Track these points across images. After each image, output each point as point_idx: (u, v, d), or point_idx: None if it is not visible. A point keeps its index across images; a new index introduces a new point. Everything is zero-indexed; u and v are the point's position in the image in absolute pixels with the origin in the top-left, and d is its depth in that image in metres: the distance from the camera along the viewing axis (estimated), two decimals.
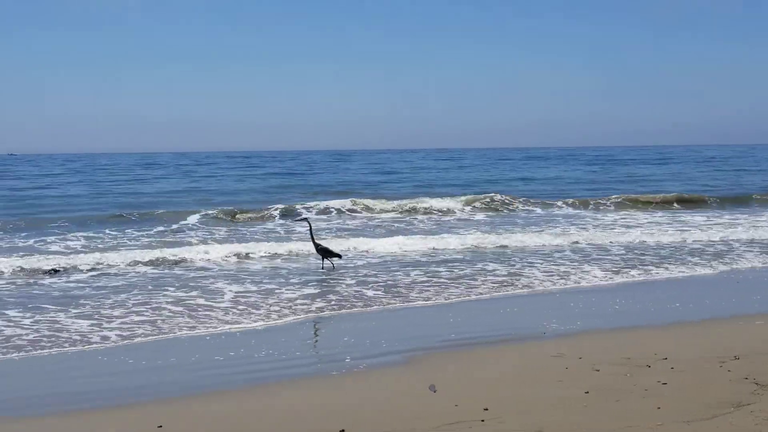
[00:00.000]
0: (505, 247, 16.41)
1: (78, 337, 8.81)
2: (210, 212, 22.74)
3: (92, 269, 13.60)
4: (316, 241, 14.23)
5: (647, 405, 5.88)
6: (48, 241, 17.41)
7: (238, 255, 14.98)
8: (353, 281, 12.43)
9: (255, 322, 9.64)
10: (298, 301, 10.84)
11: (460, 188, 34.20)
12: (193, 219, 21.83)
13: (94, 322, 9.55)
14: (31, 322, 9.53)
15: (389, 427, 5.58)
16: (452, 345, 8.33)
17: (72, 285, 12.26)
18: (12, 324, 9.44)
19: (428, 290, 11.66)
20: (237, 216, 22.62)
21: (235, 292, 11.43)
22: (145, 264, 14.09)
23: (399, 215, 24.25)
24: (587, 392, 6.26)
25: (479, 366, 7.36)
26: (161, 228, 20.03)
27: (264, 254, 15.18)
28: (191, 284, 12.18)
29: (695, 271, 13.43)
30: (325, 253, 13.92)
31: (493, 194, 27.67)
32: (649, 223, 21.94)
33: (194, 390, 6.86)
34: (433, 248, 16.16)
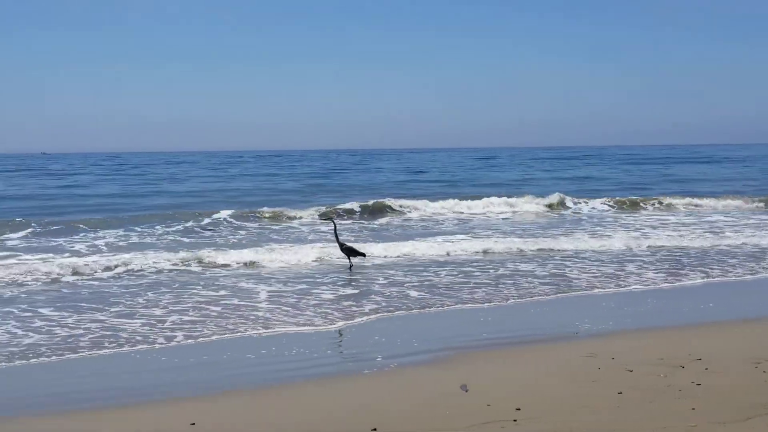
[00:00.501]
0: (557, 250, 15.89)
1: (140, 338, 8.79)
2: (235, 212, 22.79)
3: (120, 266, 13.53)
4: (340, 240, 14.26)
5: (681, 406, 5.85)
6: (77, 239, 17.56)
7: (262, 256, 14.76)
8: (386, 281, 12.39)
9: (332, 324, 9.52)
10: (344, 302, 10.71)
11: (495, 188, 34.03)
12: (220, 217, 21.91)
13: (138, 321, 9.57)
14: (76, 322, 9.56)
15: (421, 426, 5.61)
16: (484, 345, 8.34)
17: (103, 284, 12.32)
18: (54, 323, 9.51)
19: (477, 291, 11.47)
20: (263, 215, 22.69)
21: (268, 292, 11.43)
22: (173, 263, 14.03)
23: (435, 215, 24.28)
24: (620, 393, 6.24)
25: (511, 366, 7.36)
26: (190, 225, 20.25)
27: (288, 255, 14.90)
28: (218, 283, 12.23)
29: (730, 272, 13.28)
30: (349, 252, 13.97)
31: (557, 194, 27.40)
32: (687, 224, 21.71)
33: (229, 387, 6.93)
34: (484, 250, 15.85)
